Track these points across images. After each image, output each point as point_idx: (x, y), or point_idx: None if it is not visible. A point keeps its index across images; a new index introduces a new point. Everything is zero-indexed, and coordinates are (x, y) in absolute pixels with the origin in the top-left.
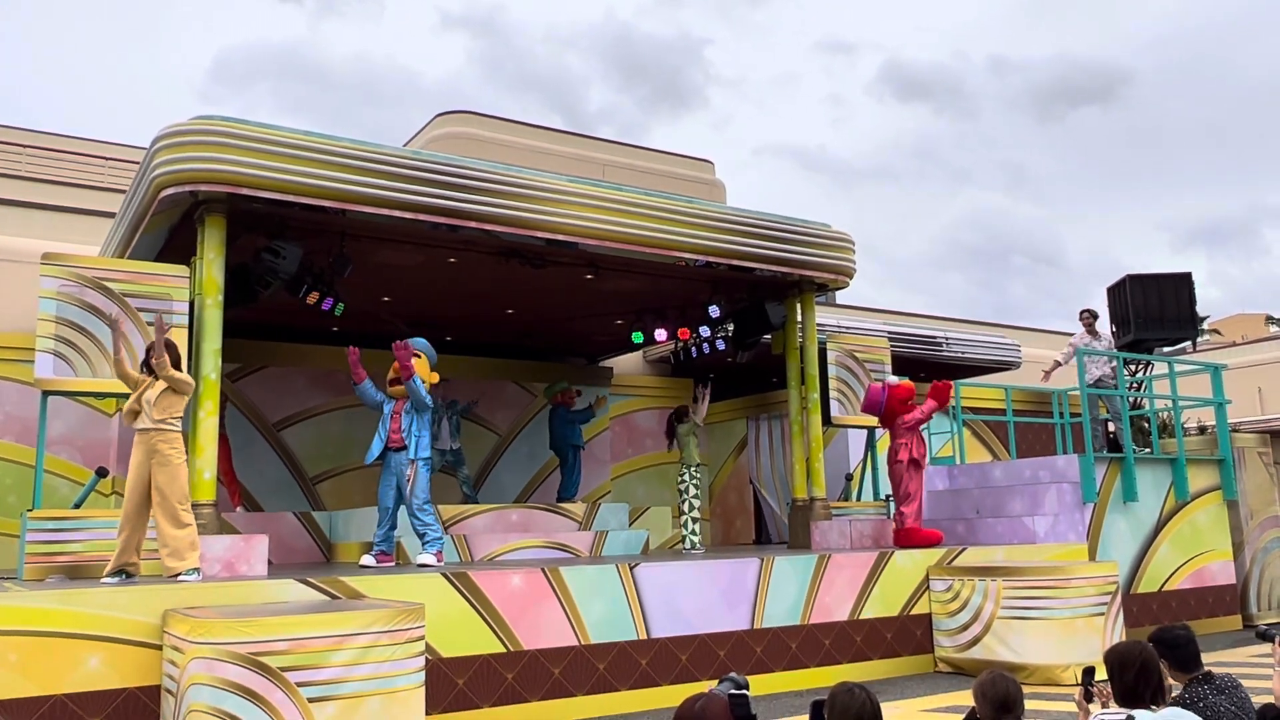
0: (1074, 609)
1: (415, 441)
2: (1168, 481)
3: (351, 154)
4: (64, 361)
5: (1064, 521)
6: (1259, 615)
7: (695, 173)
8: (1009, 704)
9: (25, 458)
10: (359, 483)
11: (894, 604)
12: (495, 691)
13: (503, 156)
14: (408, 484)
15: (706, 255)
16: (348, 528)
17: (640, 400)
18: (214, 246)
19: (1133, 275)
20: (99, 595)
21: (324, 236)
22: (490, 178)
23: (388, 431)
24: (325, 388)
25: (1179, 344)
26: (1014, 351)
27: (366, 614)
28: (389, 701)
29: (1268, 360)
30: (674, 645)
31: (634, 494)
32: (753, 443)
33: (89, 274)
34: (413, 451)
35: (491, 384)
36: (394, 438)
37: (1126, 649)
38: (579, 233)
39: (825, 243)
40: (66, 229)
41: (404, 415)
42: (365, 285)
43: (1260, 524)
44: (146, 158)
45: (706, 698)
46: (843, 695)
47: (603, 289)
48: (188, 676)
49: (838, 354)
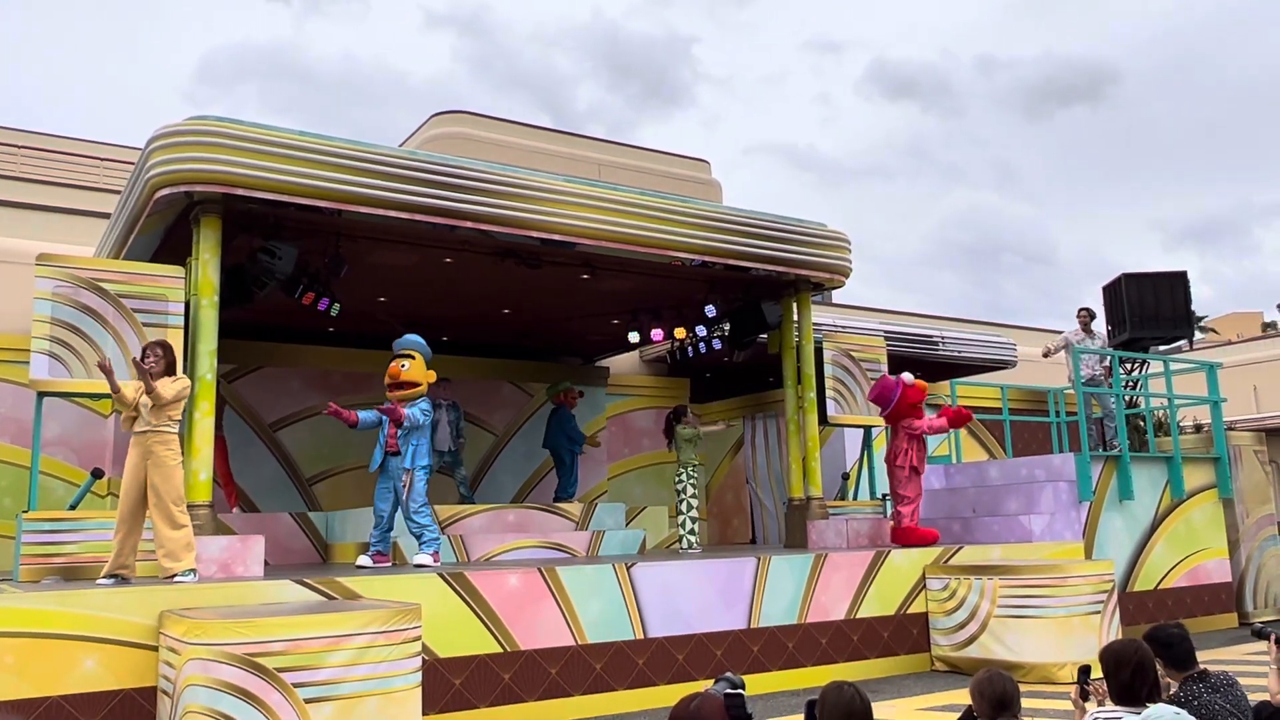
0: (1070, 607)
1: (412, 450)
2: (1163, 480)
3: (347, 154)
4: (59, 362)
5: (1060, 520)
6: (1255, 613)
7: (691, 172)
8: (1006, 702)
9: (20, 459)
10: (355, 483)
11: (890, 603)
12: (492, 691)
13: (498, 156)
14: (404, 490)
15: (702, 255)
16: (344, 528)
17: (637, 400)
18: (209, 247)
19: (1128, 274)
20: (95, 597)
21: (320, 237)
22: (486, 178)
23: (385, 437)
24: (321, 388)
25: (1175, 342)
26: (1010, 350)
27: (363, 614)
28: (386, 702)
29: (1263, 358)
30: (671, 645)
31: (631, 494)
32: (748, 442)
33: (84, 275)
34: (408, 460)
35: (488, 384)
36: (390, 443)
37: (1122, 647)
38: (575, 232)
39: (821, 242)
40: (61, 230)
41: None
42: (361, 285)
43: (1256, 522)
44: (141, 158)
45: (702, 697)
46: (833, 693)
47: (599, 289)
48: (184, 678)
49: (834, 353)
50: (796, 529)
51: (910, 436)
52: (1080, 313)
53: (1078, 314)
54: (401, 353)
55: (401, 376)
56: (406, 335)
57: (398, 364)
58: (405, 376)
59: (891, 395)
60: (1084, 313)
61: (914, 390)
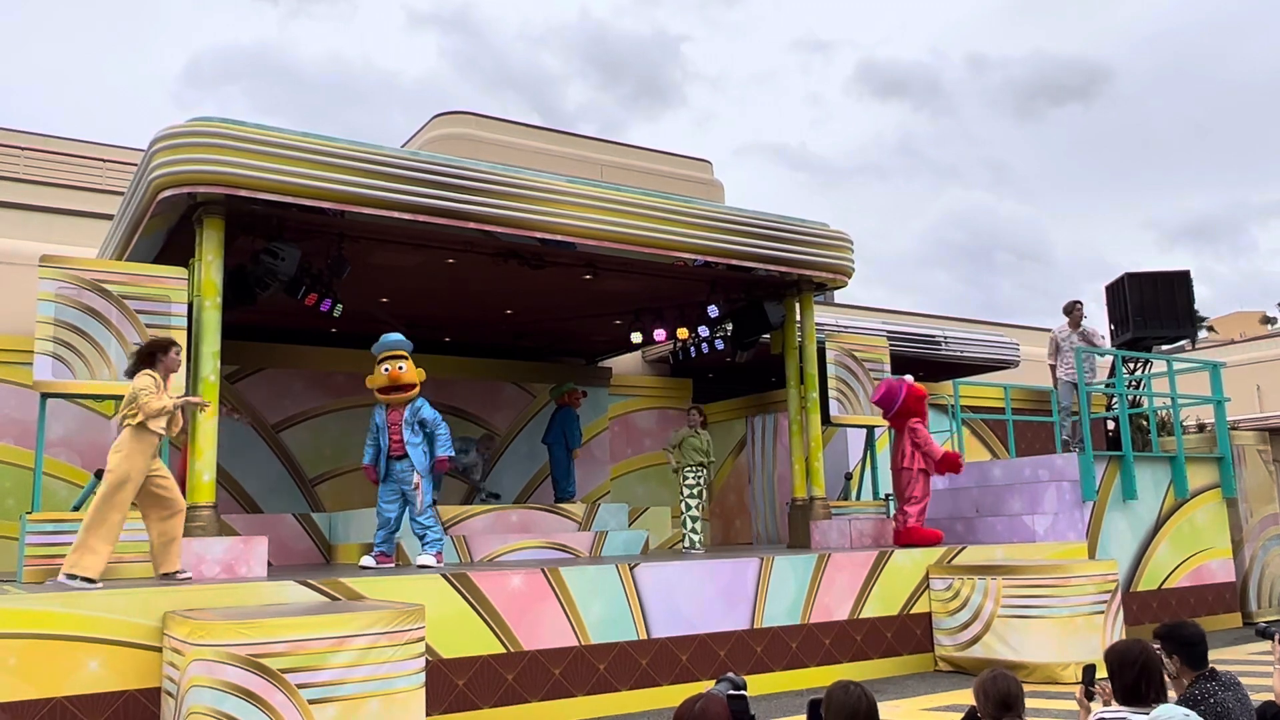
0: (1074, 607)
1: (423, 453)
2: (1167, 480)
3: (349, 155)
4: (62, 364)
5: (1063, 520)
6: (1259, 613)
7: (693, 172)
8: (1010, 702)
9: (24, 460)
10: (358, 484)
11: (894, 603)
12: (496, 692)
13: (500, 157)
14: (415, 494)
15: (705, 255)
16: (347, 529)
17: (639, 400)
18: (212, 248)
19: (1131, 273)
20: (98, 598)
21: (322, 238)
22: (488, 178)
23: (387, 441)
24: (324, 389)
25: (1177, 342)
26: (1013, 350)
27: (366, 615)
28: (389, 703)
29: (1266, 358)
30: (674, 645)
31: (633, 494)
32: (750, 442)
33: (87, 276)
34: (417, 463)
35: (490, 385)
36: (394, 447)
37: (1127, 647)
38: (577, 233)
39: (824, 242)
40: (64, 231)
41: (404, 426)
42: (363, 286)
43: (1260, 521)
44: (144, 159)
45: (705, 698)
46: (839, 693)
47: (601, 289)
48: (188, 679)
49: (836, 353)
50: (799, 529)
51: (914, 444)
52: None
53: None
54: (392, 354)
55: (402, 379)
56: (389, 335)
57: (395, 366)
58: (405, 379)
59: (895, 398)
60: (1078, 307)
61: (918, 389)
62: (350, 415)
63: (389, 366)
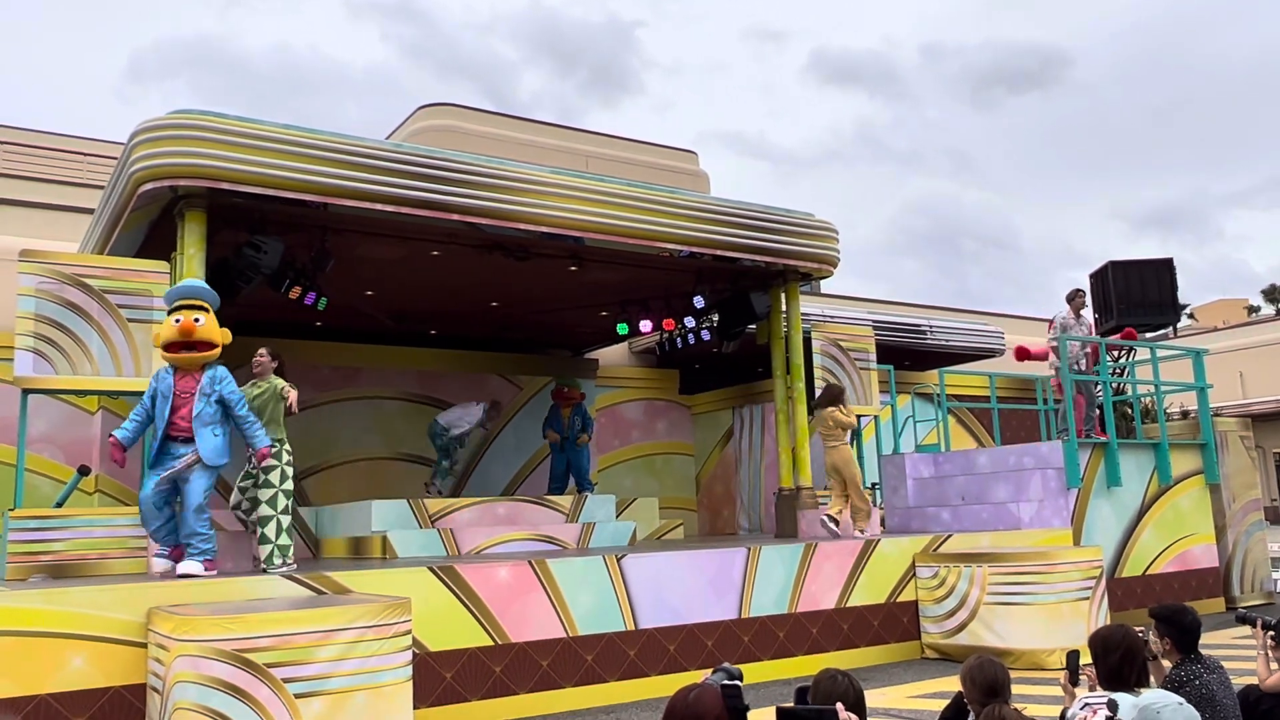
0: (1059, 594)
1: (214, 439)
2: (1151, 466)
3: (332, 147)
4: (44, 359)
5: (1048, 507)
6: (1241, 598)
7: (679, 163)
8: (996, 688)
9: (6, 456)
10: (344, 478)
11: (880, 591)
12: (483, 684)
13: (485, 149)
14: (189, 477)
15: (690, 246)
16: (334, 523)
17: (626, 392)
18: (194, 242)
19: (1114, 261)
20: (82, 594)
21: (305, 231)
22: (473, 170)
23: (168, 414)
24: (309, 383)
25: (1160, 329)
26: (997, 338)
27: (352, 609)
28: (376, 696)
29: (1248, 345)
30: (662, 636)
31: (621, 485)
32: (737, 433)
33: (68, 271)
34: (204, 451)
35: (476, 377)
36: (178, 423)
37: (1110, 633)
38: (562, 224)
39: (809, 232)
40: (44, 226)
41: (198, 399)
42: (348, 279)
43: (1242, 507)
44: (124, 153)
45: (699, 689)
46: (825, 681)
47: (587, 280)
48: (173, 674)
49: (823, 343)
50: (786, 518)
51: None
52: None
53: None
54: (188, 303)
55: (196, 334)
56: (189, 281)
57: (189, 317)
58: (201, 334)
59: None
60: (1080, 295)
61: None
62: (335, 409)
63: (181, 317)
